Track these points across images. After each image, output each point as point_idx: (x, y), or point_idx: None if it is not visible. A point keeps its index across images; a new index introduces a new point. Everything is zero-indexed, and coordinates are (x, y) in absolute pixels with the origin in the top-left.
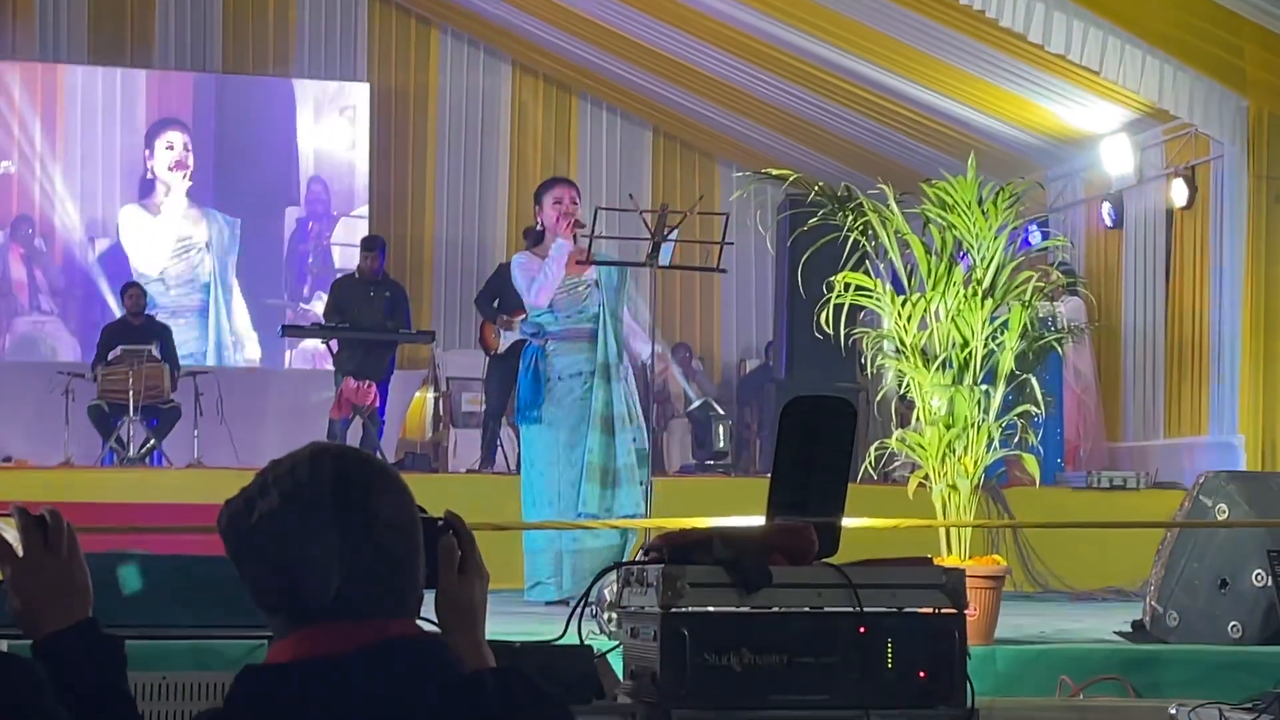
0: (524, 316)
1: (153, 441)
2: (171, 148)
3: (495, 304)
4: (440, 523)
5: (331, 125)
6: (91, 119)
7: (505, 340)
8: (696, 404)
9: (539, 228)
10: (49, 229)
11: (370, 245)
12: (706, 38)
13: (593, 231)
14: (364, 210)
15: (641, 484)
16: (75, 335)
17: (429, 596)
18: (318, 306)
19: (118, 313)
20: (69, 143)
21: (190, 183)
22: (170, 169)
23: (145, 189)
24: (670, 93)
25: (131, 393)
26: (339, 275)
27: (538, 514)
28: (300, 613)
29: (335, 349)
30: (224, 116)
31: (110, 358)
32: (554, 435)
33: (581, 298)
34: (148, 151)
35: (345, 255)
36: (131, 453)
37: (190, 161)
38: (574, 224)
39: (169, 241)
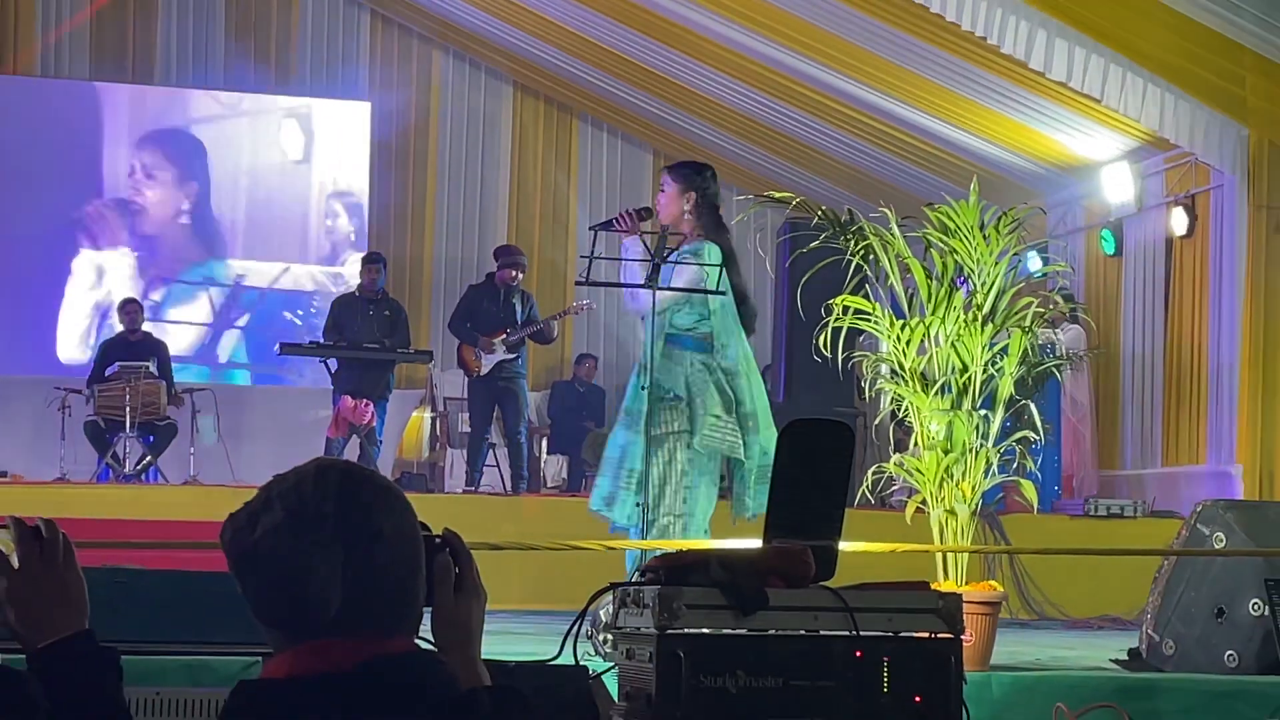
0: (503, 337)
1: (149, 458)
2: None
3: (469, 325)
4: (438, 540)
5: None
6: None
7: (487, 362)
8: None
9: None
10: None
11: (371, 260)
12: (708, 61)
13: (592, 253)
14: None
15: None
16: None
17: (426, 615)
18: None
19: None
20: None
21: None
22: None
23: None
24: (671, 115)
25: (128, 409)
26: (339, 293)
27: None
28: (301, 628)
29: (334, 368)
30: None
31: (107, 374)
32: None
33: None
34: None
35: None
36: (128, 469)
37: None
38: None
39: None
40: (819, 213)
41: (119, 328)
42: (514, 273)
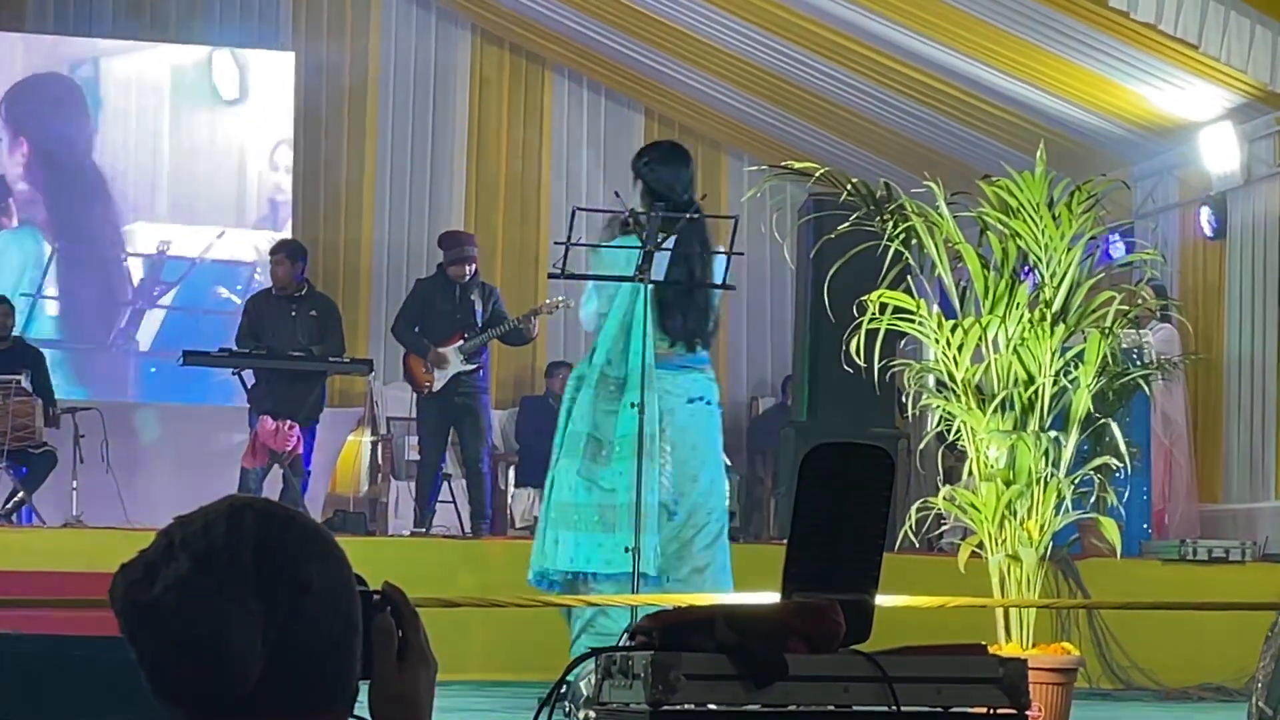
0: (460, 343)
1: (21, 495)
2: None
3: (417, 329)
4: (376, 597)
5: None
6: None
7: (440, 375)
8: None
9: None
10: None
11: (289, 252)
12: (712, 0)
13: (569, 238)
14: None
15: None
16: None
17: (364, 688)
18: None
19: None
20: None
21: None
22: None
23: None
24: (666, 66)
25: None
26: (254, 291)
27: None
28: (211, 705)
29: (250, 382)
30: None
31: None
32: None
33: None
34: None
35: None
36: None
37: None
38: None
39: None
40: (848, 186)
41: None
42: (464, 268)
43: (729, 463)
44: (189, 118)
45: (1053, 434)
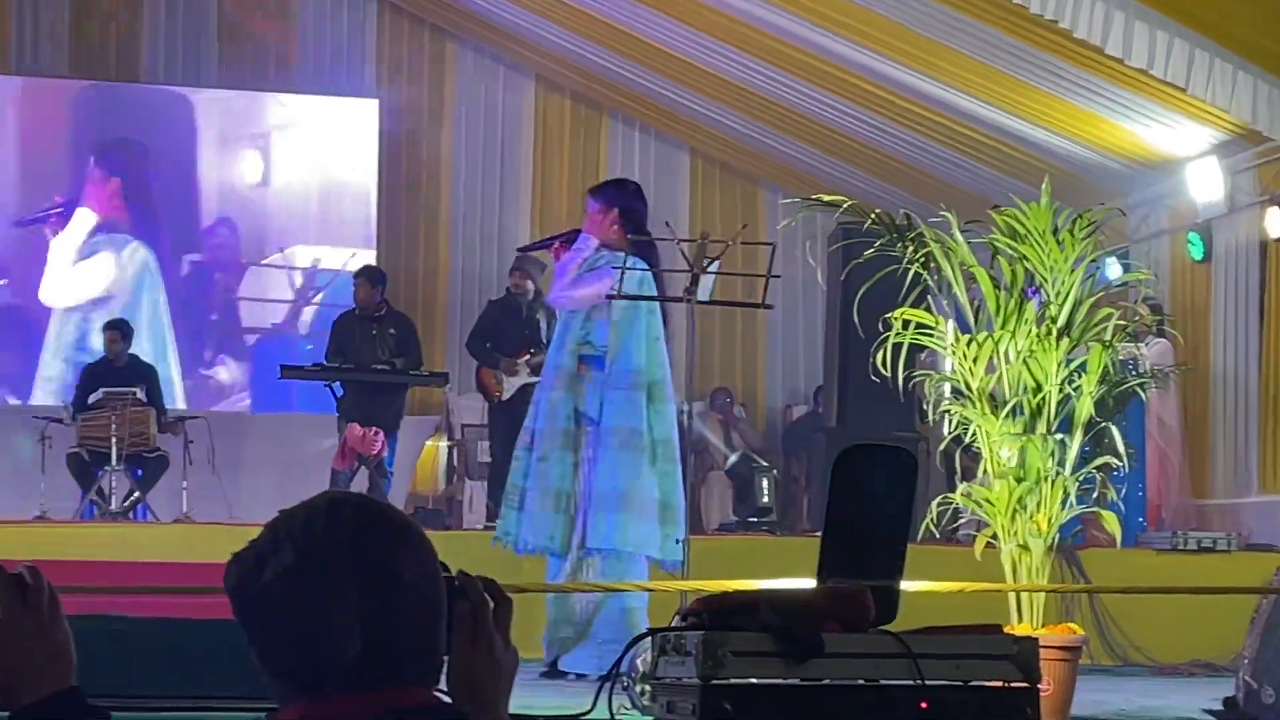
0: (527, 358)
1: (137, 494)
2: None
3: (488, 345)
4: (457, 582)
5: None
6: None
7: (509, 386)
8: (736, 456)
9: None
10: None
11: (370, 277)
12: (750, 50)
13: (624, 264)
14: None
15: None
16: None
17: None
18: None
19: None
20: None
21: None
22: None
23: None
24: (710, 110)
25: (114, 440)
26: (341, 312)
27: None
28: (312, 679)
29: (339, 393)
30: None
31: (90, 401)
32: None
33: None
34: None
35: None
36: (114, 506)
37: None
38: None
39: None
40: (873, 216)
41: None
42: (520, 279)
43: (766, 463)
44: (330, 157)
45: (1058, 436)
